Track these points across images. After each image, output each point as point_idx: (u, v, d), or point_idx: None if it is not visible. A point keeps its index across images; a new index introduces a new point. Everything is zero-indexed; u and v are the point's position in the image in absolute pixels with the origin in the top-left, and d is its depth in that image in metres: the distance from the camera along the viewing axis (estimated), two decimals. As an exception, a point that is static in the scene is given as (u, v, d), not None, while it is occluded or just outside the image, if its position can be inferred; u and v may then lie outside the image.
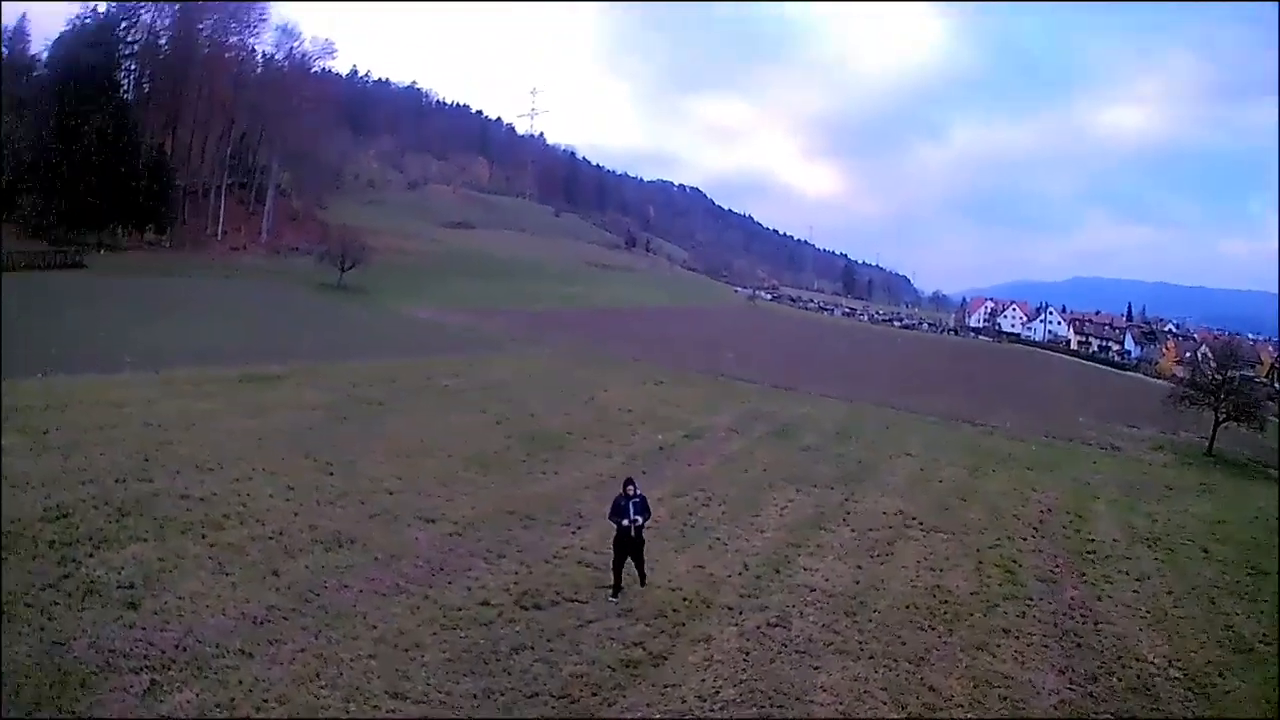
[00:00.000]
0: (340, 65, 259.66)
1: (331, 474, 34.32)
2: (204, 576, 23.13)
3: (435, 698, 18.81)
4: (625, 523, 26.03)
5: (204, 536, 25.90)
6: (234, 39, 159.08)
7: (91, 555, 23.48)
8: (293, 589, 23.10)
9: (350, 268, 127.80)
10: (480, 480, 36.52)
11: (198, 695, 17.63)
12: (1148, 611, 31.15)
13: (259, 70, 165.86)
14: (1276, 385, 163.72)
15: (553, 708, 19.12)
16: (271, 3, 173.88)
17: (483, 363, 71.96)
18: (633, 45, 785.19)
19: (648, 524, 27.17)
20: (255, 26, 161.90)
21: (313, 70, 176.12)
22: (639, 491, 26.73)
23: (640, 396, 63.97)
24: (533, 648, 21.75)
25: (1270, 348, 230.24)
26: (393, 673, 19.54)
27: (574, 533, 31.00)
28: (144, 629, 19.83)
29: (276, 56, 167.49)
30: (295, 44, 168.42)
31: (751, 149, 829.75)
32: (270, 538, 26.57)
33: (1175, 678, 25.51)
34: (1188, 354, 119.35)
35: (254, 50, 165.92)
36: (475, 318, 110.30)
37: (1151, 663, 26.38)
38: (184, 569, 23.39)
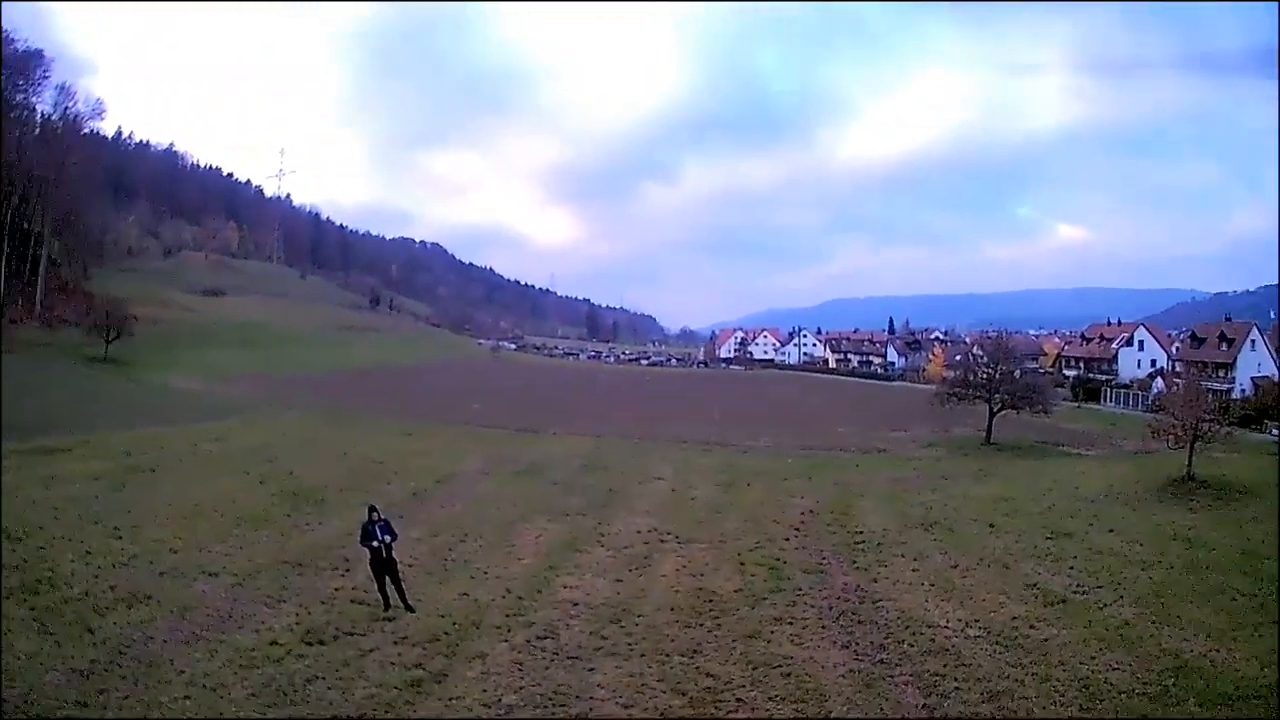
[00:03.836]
0: (107, 127, 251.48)
1: (120, 538, 35.01)
2: (32, 637, 24.17)
3: (249, 729, 20.02)
4: (375, 544, 28.50)
5: (25, 600, 26.89)
6: (19, 97, 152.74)
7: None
8: (107, 643, 24.16)
9: (115, 339, 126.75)
10: (252, 536, 37.58)
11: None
12: (932, 585, 34.07)
13: (36, 131, 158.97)
14: (1063, 373, 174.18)
15: (354, 727, 20.47)
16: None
17: (241, 427, 72.24)
18: (363, 102, 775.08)
19: (395, 542, 29.31)
20: (39, 84, 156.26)
21: (83, 132, 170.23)
22: (382, 516, 29.34)
23: (390, 450, 65.38)
24: (324, 678, 23.10)
25: (1055, 339, 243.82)
26: (207, 710, 20.83)
27: (343, 575, 32.44)
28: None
29: (53, 117, 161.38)
30: (70, 104, 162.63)
31: (486, 201, 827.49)
32: (79, 599, 27.54)
33: (976, 635, 28.11)
34: (957, 356, 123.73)
35: (35, 109, 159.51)
36: (232, 385, 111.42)
37: (945, 626, 28.95)
38: (15, 631, 24.35)
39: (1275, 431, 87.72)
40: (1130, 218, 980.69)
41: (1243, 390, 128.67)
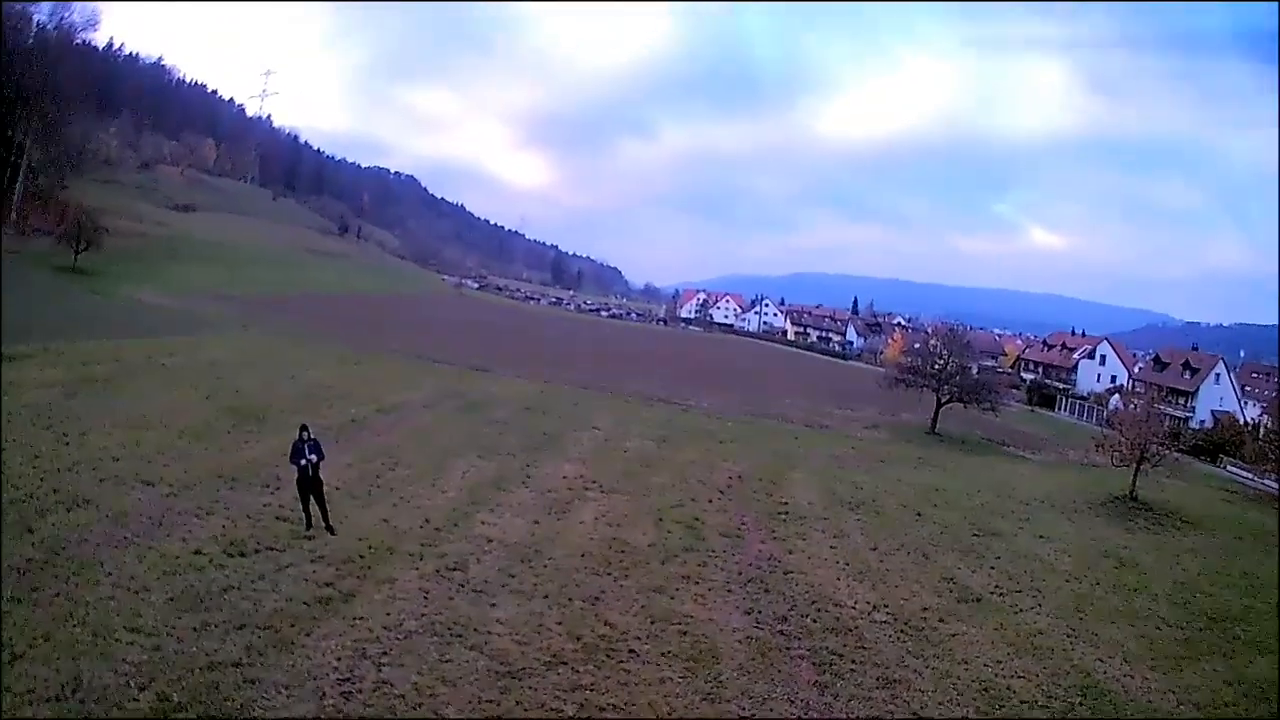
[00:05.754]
0: (99, 38, 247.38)
1: (68, 444, 35.72)
2: (-30, 534, 24.61)
3: (163, 630, 20.86)
4: (302, 462, 29.14)
5: (-29, 502, 27.28)
6: (18, 5, 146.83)
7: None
8: (44, 544, 24.95)
9: (84, 250, 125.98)
10: (193, 449, 38.20)
11: (-22, 636, 19.62)
12: (846, 564, 34.41)
13: (30, 40, 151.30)
14: (1021, 376, 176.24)
15: (259, 636, 21.26)
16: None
17: (199, 344, 71.74)
18: (348, 29, 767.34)
19: (322, 464, 29.99)
20: None
21: (75, 43, 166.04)
22: (312, 436, 29.81)
23: (340, 376, 65.91)
24: (239, 588, 23.93)
25: (1017, 341, 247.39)
26: (129, 611, 21.62)
27: (272, 493, 32.98)
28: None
29: (48, 26, 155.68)
30: (65, 14, 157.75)
31: (463, 138, 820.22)
32: (23, 500, 28.19)
33: (882, 621, 28.43)
34: (915, 344, 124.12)
35: (31, 18, 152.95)
36: (194, 301, 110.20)
37: (852, 607, 29.30)
38: (-44, 529, 24.81)
39: (1230, 468, 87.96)
40: (1108, 231, 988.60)
41: (1201, 421, 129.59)
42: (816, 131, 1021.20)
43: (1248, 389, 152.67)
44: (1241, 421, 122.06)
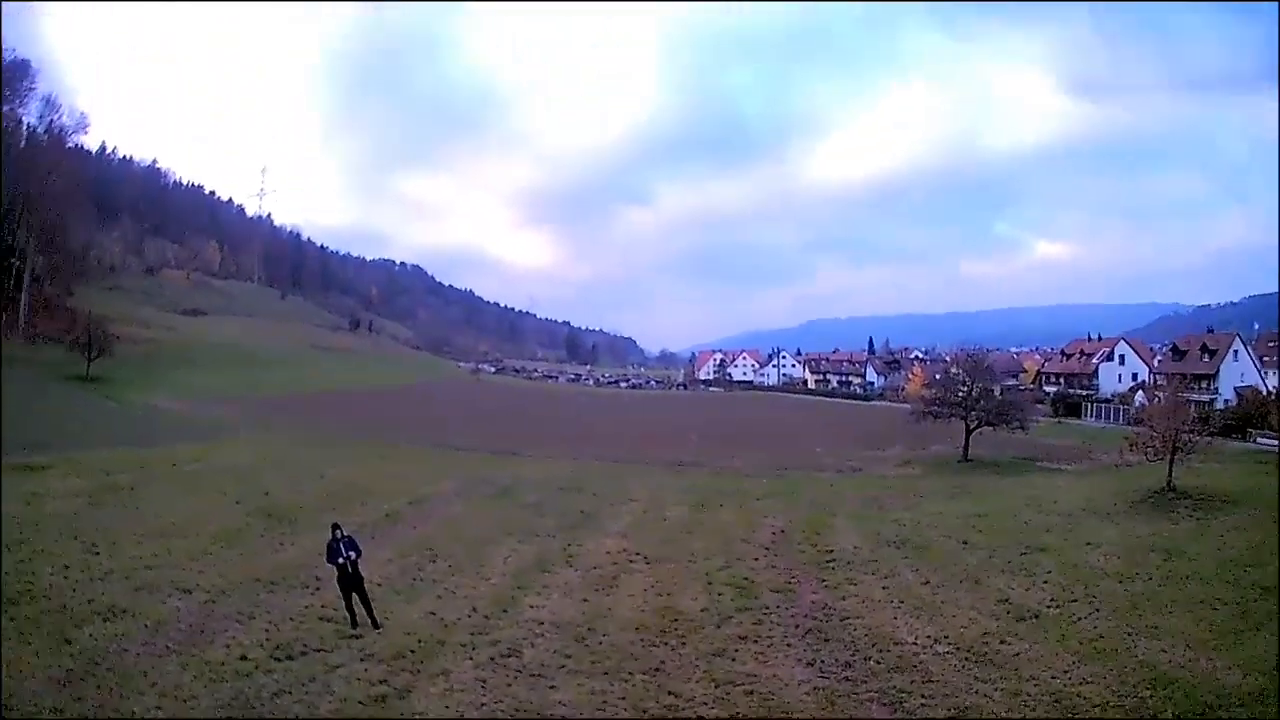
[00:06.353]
0: (90, 140, 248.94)
1: (98, 553, 35.32)
2: (13, 647, 24.49)
3: (215, 740, 20.05)
4: (340, 560, 28.83)
5: (6, 611, 27.15)
6: (6, 108, 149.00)
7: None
8: (84, 654, 24.52)
9: (97, 357, 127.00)
10: (226, 554, 37.74)
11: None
12: (900, 602, 34.04)
13: (22, 144, 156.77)
14: (1044, 389, 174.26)
15: (317, 743, 20.40)
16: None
17: (219, 448, 72.02)
18: (340, 124, 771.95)
19: (361, 560, 29.56)
20: (25, 96, 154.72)
21: (68, 145, 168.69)
22: (346, 534, 29.63)
23: (367, 471, 65.35)
24: (291, 692, 23.30)
25: (1035, 356, 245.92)
26: (177, 720, 20.93)
27: (313, 594, 32.45)
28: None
29: (38, 130, 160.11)
30: (55, 116, 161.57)
31: (463, 223, 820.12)
32: (58, 611, 27.90)
33: (945, 652, 28.04)
34: (936, 375, 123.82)
35: (21, 121, 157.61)
36: (210, 406, 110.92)
37: (913, 643, 28.92)
38: (-1, 640, 24.47)
39: (1259, 440, 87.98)
40: (1110, 233, 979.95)
41: (1226, 401, 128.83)
42: (812, 176, 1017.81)
43: (1266, 359, 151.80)
44: (1265, 392, 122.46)
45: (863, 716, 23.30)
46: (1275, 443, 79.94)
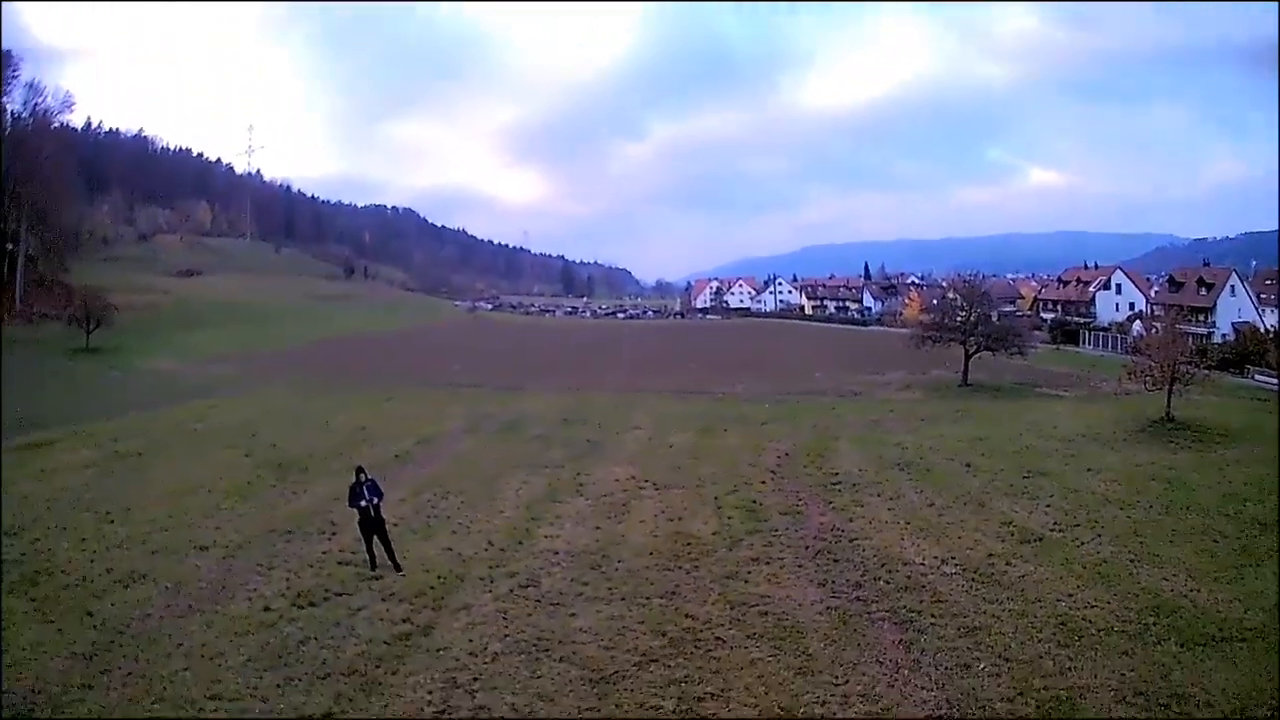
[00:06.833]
0: (76, 119, 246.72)
1: (112, 522, 35.48)
2: (35, 627, 24.54)
3: (246, 693, 20.53)
4: (363, 504, 29.22)
5: (25, 593, 27.34)
6: None
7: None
8: (107, 625, 24.64)
9: (95, 329, 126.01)
10: (240, 508, 38.08)
11: (61, 729, 19.60)
12: (907, 523, 34.68)
13: (8, 131, 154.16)
14: (1041, 316, 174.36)
15: (346, 683, 20.95)
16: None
17: (225, 405, 72.30)
18: (323, 76, 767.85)
19: (383, 503, 30.04)
20: (9, 85, 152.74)
21: (53, 126, 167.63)
22: (370, 477, 29.98)
23: (373, 416, 65.91)
24: (316, 638, 23.60)
25: (1032, 282, 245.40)
26: (207, 679, 21.23)
27: (330, 539, 32.90)
28: (4, 680, 21.17)
29: (23, 115, 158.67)
30: (39, 100, 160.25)
31: (453, 164, 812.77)
32: (77, 585, 28.01)
33: (952, 573, 28.62)
34: (934, 300, 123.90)
35: (4, 109, 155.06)
36: (212, 365, 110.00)
37: (921, 564, 29.53)
38: (18, 624, 24.68)
39: (1257, 377, 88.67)
40: (1104, 162, 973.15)
41: (1223, 335, 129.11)
42: (803, 106, 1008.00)
43: (1264, 296, 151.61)
44: (1262, 330, 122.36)
45: (875, 635, 23.65)
46: (1274, 380, 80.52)
